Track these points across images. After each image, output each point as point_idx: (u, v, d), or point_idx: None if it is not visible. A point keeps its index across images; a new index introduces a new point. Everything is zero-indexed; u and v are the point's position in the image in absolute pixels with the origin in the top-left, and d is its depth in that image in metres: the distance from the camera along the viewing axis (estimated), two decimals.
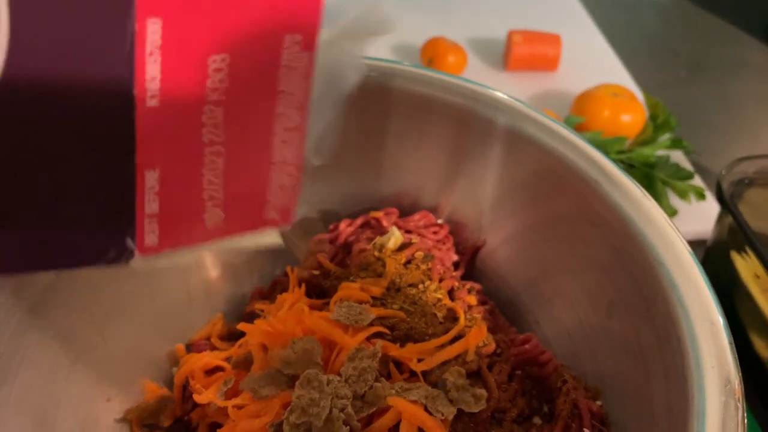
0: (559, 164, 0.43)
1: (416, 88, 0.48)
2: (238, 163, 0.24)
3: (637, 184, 0.41)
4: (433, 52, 0.80)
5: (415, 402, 0.36)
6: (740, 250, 0.56)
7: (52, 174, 0.20)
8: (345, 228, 0.49)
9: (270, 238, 0.29)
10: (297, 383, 0.35)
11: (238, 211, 0.26)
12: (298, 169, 0.26)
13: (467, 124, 0.47)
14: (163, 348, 0.48)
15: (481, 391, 0.36)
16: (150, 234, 0.23)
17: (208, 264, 0.51)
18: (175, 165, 0.23)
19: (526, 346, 0.41)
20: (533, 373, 0.41)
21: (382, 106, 0.49)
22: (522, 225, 0.48)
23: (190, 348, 0.48)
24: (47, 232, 0.22)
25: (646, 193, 0.40)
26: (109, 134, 0.21)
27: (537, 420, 0.40)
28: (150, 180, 0.22)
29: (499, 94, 0.46)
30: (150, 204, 0.23)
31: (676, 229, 0.38)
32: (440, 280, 0.45)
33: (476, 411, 0.36)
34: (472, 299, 0.45)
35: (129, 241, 0.23)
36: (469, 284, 0.47)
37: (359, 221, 0.50)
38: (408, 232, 0.48)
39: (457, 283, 0.46)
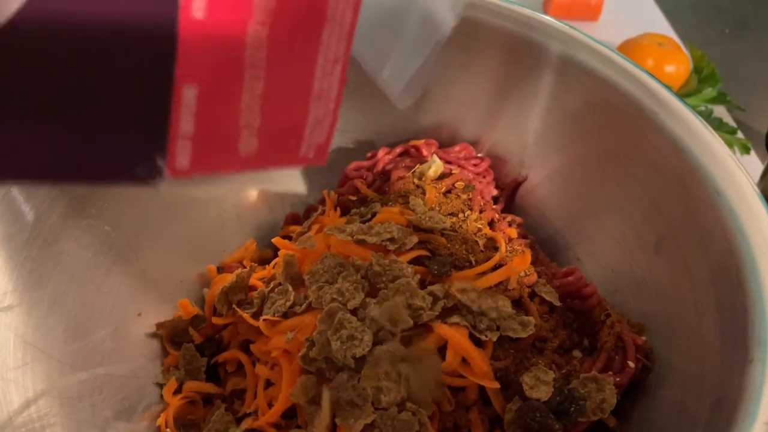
0: (614, 94, 0.41)
1: (465, 13, 0.46)
2: (278, 91, 0.23)
3: (697, 114, 0.39)
4: None
5: (456, 325, 0.35)
6: None
7: (86, 71, 0.19)
8: (383, 156, 0.48)
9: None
10: (319, 318, 0.35)
11: (273, 144, 0.25)
12: (336, 105, 0.25)
13: (516, 51, 0.45)
14: (194, 269, 0.47)
15: (529, 318, 0.35)
16: (182, 155, 0.22)
17: (242, 189, 0.50)
18: (215, 84, 0.21)
19: (569, 278, 0.40)
20: (575, 306, 0.40)
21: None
22: (568, 159, 0.46)
23: (222, 270, 0.47)
24: (76, 136, 0.20)
25: (706, 124, 0.38)
26: (149, 38, 0.20)
27: (577, 353, 0.39)
28: (188, 96, 0.21)
29: (552, 20, 0.44)
30: (185, 123, 0.22)
31: (737, 161, 0.36)
32: (480, 212, 0.44)
33: (524, 336, 0.35)
34: (513, 232, 0.44)
35: (159, 160, 0.22)
36: (509, 217, 0.46)
37: (398, 149, 0.48)
38: (448, 162, 0.47)
39: (497, 215, 0.45)
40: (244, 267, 0.47)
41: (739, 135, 0.69)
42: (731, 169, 0.36)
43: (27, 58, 0.18)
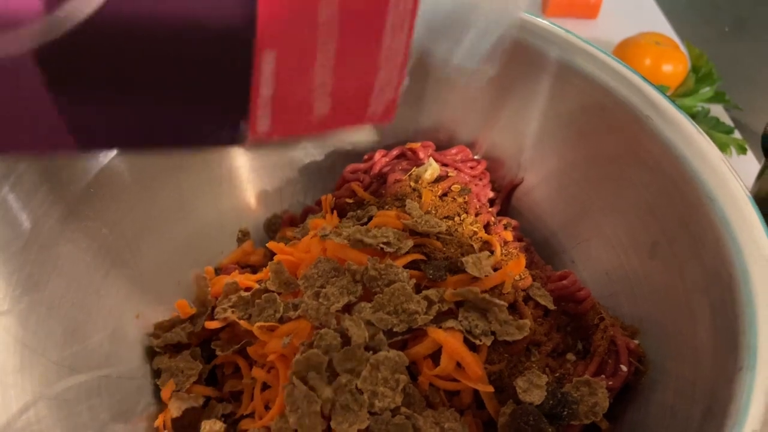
0: (609, 98, 0.42)
1: None
2: (350, 49, 0.23)
3: (691, 120, 0.39)
4: None
5: (451, 329, 0.35)
6: None
7: (171, 45, 0.20)
8: (380, 158, 0.48)
9: (366, 134, 0.28)
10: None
11: (344, 104, 0.25)
12: (404, 61, 0.25)
13: (513, 54, 0.45)
14: (192, 270, 0.47)
15: (524, 321, 0.36)
16: (263, 118, 0.23)
17: (240, 189, 0.50)
18: (292, 47, 0.22)
19: (564, 282, 0.41)
20: (569, 310, 0.40)
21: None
22: (564, 162, 0.46)
23: (219, 271, 0.48)
24: (164, 107, 0.22)
25: (700, 130, 0.38)
26: (231, 7, 0.20)
27: (571, 356, 0.39)
28: (267, 61, 0.22)
29: (549, 24, 0.45)
30: (266, 87, 0.22)
31: (730, 167, 0.37)
32: (476, 215, 0.44)
33: (519, 338, 0.35)
34: (508, 235, 0.44)
35: (243, 124, 0.23)
36: (505, 220, 0.46)
37: (395, 152, 0.49)
38: (444, 165, 0.47)
39: (493, 218, 0.45)
40: (242, 268, 0.47)
41: (737, 134, 0.69)
42: (725, 175, 0.36)
43: (118, 40, 0.19)
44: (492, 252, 0.41)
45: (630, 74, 0.42)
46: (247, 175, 0.51)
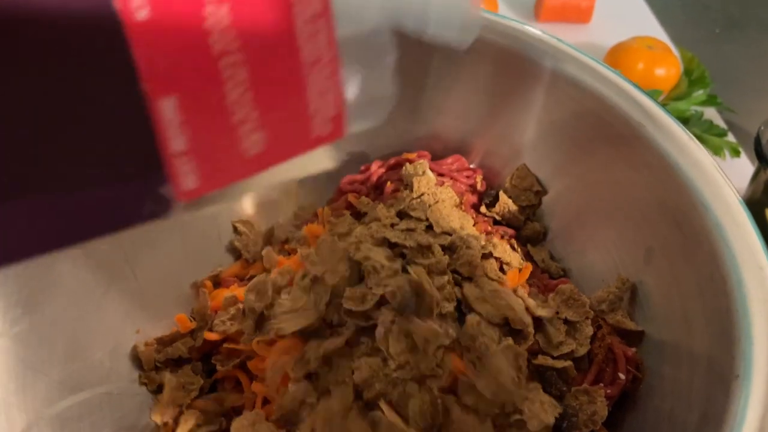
0: (602, 106, 0.42)
1: None
2: (264, 71, 0.20)
3: (684, 128, 0.39)
4: None
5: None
6: None
7: (52, 127, 0.17)
8: (377, 168, 0.49)
9: (321, 161, 0.25)
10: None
11: (279, 133, 0.22)
12: (334, 69, 0.22)
13: (507, 64, 0.46)
14: (191, 282, 0.48)
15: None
16: (186, 175, 0.20)
17: (237, 203, 0.51)
18: (192, 87, 0.19)
19: (562, 287, 0.41)
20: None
21: (417, 46, 0.47)
22: (559, 171, 0.47)
23: (218, 284, 0.48)
24: (68, 197, 0.18)
25: (693, 137, 0.39)
26: (103, 64, 0.17)
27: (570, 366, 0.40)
28: (168, 111, 0.19)
29: (541, 33, 0.45)
30: (176, 140, 0.19)
31: (723, 174, 0.37)
32: (473, 224, 0.44)
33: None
34: (505, 244, 0.44)
35: (163, 189, 0.19)
36: (501, 229, 0.46)
37: (391, 161, 0.49)
38: (440, 175, 0.47)
39: (490, 227, 0.45)
40: (241, 281, 0.47)
41: (730, 137, 0.69)
42: (718, 183, 0.36)
43: None
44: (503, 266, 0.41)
45: (622, 82, 0.42)
46: (258, 185, 0.51)
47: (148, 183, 0.19)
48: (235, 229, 0.50)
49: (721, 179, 0.37)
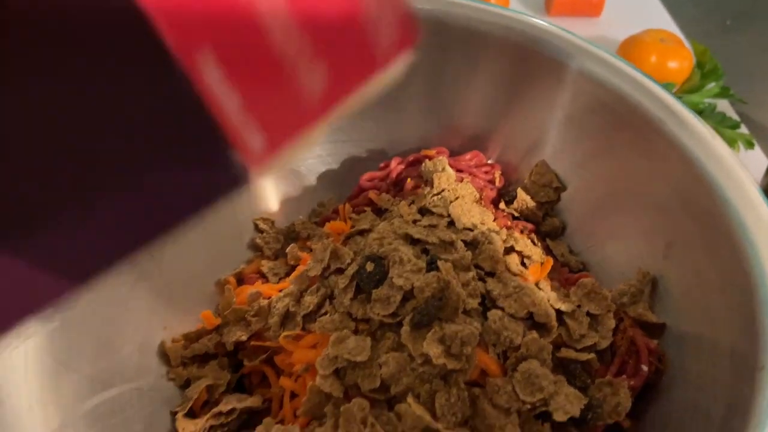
0: (621, 102, 0.42)
1: (472, 24, 0.47)
2: None
3: (704, 122, 0.40)
4: None
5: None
6: None
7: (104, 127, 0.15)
8: (396, 165, 0.49)
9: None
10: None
11: (341, 61, 0.18)
12: None
13: (523, 59, 0.46)
14: (214, 279, 0.48)
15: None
16: (251, 137, 0.17)
17: (258, 198, 0.51)
18: (224, 32, 0.16)
19: (584, 281, 0.41)
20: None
21: (436, 41, 0.48)
22: (577, 165, 0.47)
23: (242, 280, 0.48)
24: (139, 196, 0.17)
25: (713, 132, 0.39)
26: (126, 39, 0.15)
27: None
28: (207, 66, 0.16)
29: (557, 29, 0.45)
30: (226, 99, 0.16)
31: (745, 169, 0.37)
32: (494, 220, 0.45)
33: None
34: (525, 238, 0.45)
35: (231, 156, 0.17)
36: (521, 224, 0.47)
37: (411, 158, 0.49)
38: (459, 171, 0.48)
39: (509, 222, 0.46)
40: (264, 277, 0.48)
41: (743, 129, 0.69)
42: (739, 177, 0.37)
43: None
44: (524, 260, 0.42)
45: (640, 76, 0.43)
46: (264, 185, 0.51)
47: (212, 155, 0.17)
48: (256, 227, 0.51)
49: (741, 173, 0.37)
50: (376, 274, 0.38)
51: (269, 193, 0.52)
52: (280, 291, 0.43)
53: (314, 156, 0.52)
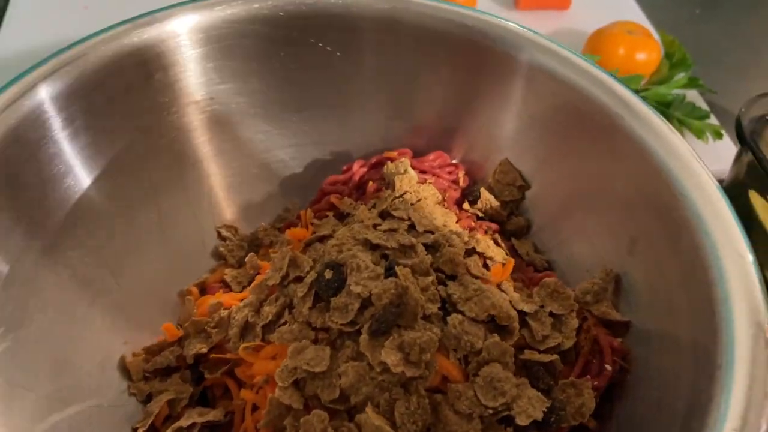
0: (580, 98, 0.42)
1: (429, 22, 0.46)
2: None
3: (662, 117, 0.39)
4: None
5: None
6: (760, 188, 0.55)
7: None
8: (358, 168, 0.48)
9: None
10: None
11: None
12: None
13: (483, 58, 0.46)
14: (176, 290, 0.47)
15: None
16: None
17: (220, 206, 0.50)
18: None
19: (546, 281, 0.41)
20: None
21: (395, 42, 0.47)
22: (541, 164, 0.47)
23: (204, 291, 0.48)
24: None
25: (671, 127, 0.39)
26: None
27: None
28: None
29: (517, 27, 0.45)
30: None
31: (702, 163, 0.37)
32: (457, 221, 0.44)
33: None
34: (489, 240, 0.44)
35: None
36: (485, 224, 0.46)
37: (373, 160, 0.49)
38: (422, 172, 0.47)
39: (473, 223, 0.45)
40: (228, 286, 0.47)
41: (712, 119, 0.69)
42: (696, 171, 0.36)
43: None
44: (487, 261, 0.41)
45: (599, 73, 0.42)
46: (226, 192, 0.51)
47: None
48: (219, 235, 0.50)
49: (699, 167, 0.37)
50: (334, 281, 0.37)
51: (232, 199, 0.51)
52: (240, 301, 0.42)
53: (277, 161, 0.51)
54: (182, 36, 0.43)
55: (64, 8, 0.78)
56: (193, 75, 0.45)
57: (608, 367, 0.37)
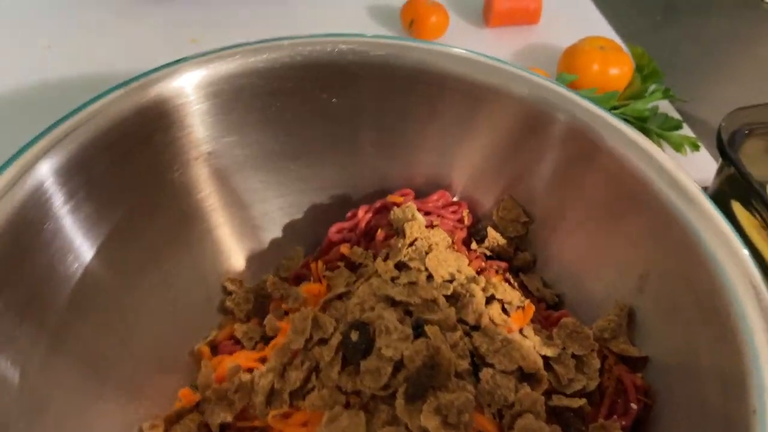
0: (557, 124, 0.43)
1: (423, 67, 0.46)
2: None
3: (640, 134, 0.41)
4: (414, 13, 0.77)
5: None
6: (743, 200, 0.57)
7: None
8: (364, 214, 0.48)
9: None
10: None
11: None
12: None
13: (480, 98, 0.46)
14: (187, 350, 0.46)
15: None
16: None
17: (223, 260, 0.49)
18: None
19: (565, 321, 0.42)
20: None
21: (393, 84, 0.47)
22: (539, 195, 0.47)
23: (216, 349, 0.47)
24: None
25: (651, 144, 0.40)
26: None
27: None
28: None
29: (507, 64, 0.45)
30: None
31: (709, 202, 0.38)
32: (468, 262, 0.45)
33: None
34: (500, 279, 0.45)
35: None
36: (495, 264, 0.47)
37: (377, 205, 0.48)
38: (427, 213, 0.47)
39: (483, 263, 0.46)
40: (239, 343, 0.46)
41: (686, 129, 0.71)
42: (710, 213, 0.37)
43: None
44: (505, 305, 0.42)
45: (568, 93, 0.43)
46: (228, 245, 0.50)
47: None
48: (224, 289, 0.49)
49: (710, 206, 0.38)
50: (361, 343, 0.37)
51: (235, 251, 0.50)
52: (260, 361, 0.42)
53: (276, 208, 0.51)
54: (181, 95, 0.42)
55: (25, 47, 0.74)
56: (192, 132, 0.44)
57: (633, 406, 0.38)
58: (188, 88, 0.43)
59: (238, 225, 0.49)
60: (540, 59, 0.78)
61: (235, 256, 0.50)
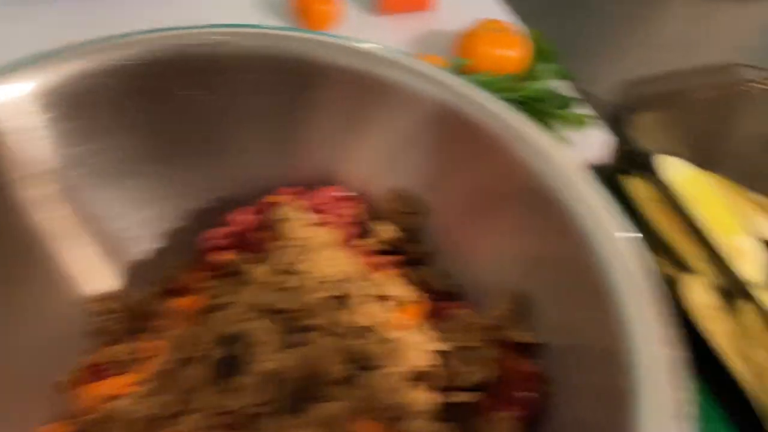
0: (439, 109, 0.42)
1: (303, 56, 0.44)
2: None
3: (525, 119, 0.40)
4: (301, 2, 0.74)
5: None
6: (635, 174, 0.58)
7: None
8: (240, 217, 0.45)
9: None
10: None
11: None
12: None
13: (366, 89, 0.44)
14: (51, 381, 0.41)
15: None
16: None
17: (91, 279, 0.45)
18: None
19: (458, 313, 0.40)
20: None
21: (273, 77, 0.44)
22: (431, 185, 0.45)
23: (85, 376, 0.42)
24: None
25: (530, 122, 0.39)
26: None
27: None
28: None
29: (374, 46, 0.43)
30: None
31: (586, 173, 0.37)
32: (358, 260, 0.42)
33: None
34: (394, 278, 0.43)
35: None
36: (388, 258, 0.44)
37: (257, 206, 0.45)
38: (318, 211, 0.45)
39: (376, 259, 0.44)
40: (110, 368, 0.42)
41: (585, 108, 0.71)
42: (587, 191, 0.37)
43: None
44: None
45: (447, 77, 0.42)
46: (93, 262, 0.45)
47: None
48: (92, 310, 0.44)
49: (574, 169, 0.37)
50: (231, 358, 0.34)
51: (100, 269, 0.45)
52: (132, 386, 0.38)
53: (146, 218, 0.46)
54: (20, 102, 0.38)
55: None
56: (37, 143, 0.39)
57: (530, 394, 0.37)
58: (28, 96, 0.38)
59: (101, 240, 0.44)
60: (435, 45, 0.76)
61: (103, 274, 0.45)
